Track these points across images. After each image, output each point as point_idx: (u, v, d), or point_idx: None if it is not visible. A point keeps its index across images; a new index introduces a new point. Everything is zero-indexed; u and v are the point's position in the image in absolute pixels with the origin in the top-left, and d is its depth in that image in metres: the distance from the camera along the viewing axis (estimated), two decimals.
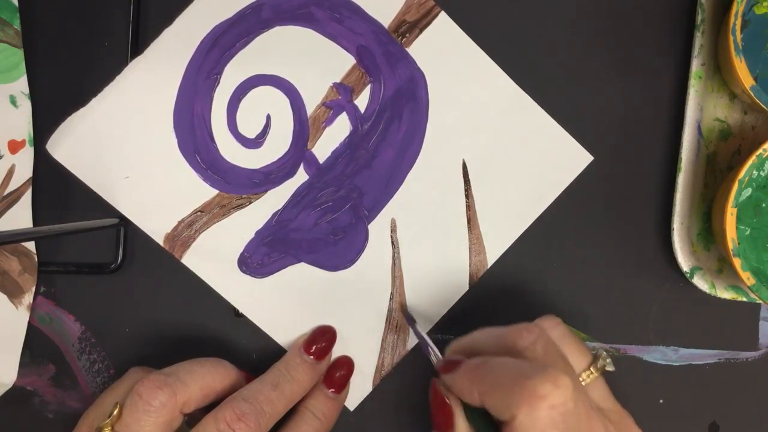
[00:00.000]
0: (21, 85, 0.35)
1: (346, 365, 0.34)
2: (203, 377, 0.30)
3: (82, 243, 0.36)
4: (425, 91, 0.34)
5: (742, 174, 0.30)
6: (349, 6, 0.33)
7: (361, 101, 0.34)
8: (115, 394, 0.31)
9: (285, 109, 0.34)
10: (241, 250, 0.34)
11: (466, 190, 0.34)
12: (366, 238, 0.34)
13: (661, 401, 0.35)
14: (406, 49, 0.34)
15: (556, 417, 0.23)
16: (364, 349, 0.35)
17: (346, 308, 0.35)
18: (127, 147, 0.34)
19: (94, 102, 0.33)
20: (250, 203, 0.34)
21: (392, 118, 0.34)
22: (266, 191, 0.34)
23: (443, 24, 0.33)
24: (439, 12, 0.33)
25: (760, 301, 0.34)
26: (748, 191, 0.32)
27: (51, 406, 0.36)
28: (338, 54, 0.34)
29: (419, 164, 0.34)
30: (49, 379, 0.36)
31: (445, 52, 0.34)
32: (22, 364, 0.35)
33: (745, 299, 0.33)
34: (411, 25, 0.34)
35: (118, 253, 0.35)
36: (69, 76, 0.36)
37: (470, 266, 0.34)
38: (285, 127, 0.34)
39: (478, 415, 0.26)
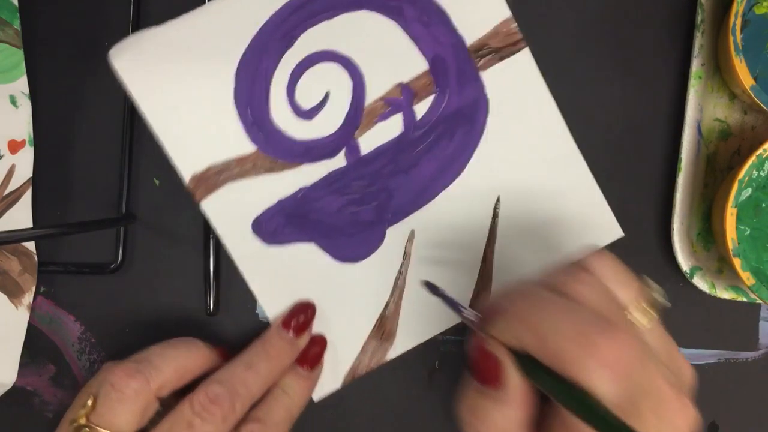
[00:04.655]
0: (21, 85, 0.35)
1: (318, 343, 0.34)
2: (176, 359, 0.30)
3: (82, 243, 0.36)
4: (484, 118, 0.33)
5: (742, 174, 0.30)
6: (439, 13, 0.33)
7: (420, 108, 0.34)
8: (89, 390, 0.30)
9: (346, 92, 0.33)
10: (260, 213, 0.34)
11: (491, 226, 0.34)
12: (381, 241, 0.34)
13: None
14: (480, 72, 0.33)
15: (621, 381, 0.21)
16: (345, 346, 0.34)
17: (340, 301, 0.34)
18: (185, 79, 0.33)
19: (168, 24, 0.32)
20: (282, 170, 0.34)
21: (444, 134, 0.33)
22: (301, 164, 0.34)
23: (524, 59, 0.33)
24: (524, 47, 0.33)
25: (760, 301, 0.34)
26: (748, 191, 0.32)
27: (51, 406, 0.36)
28: (414, 56, 0.33)
29: (455, 186, 0.34)
30: (49, 379, 0.36)
31: (516, 87, 0.33)
32: (22, 364, 0.35)
33: (745, 299, 0.33)
34: (493, 50, 0.33)
35: (118, 253, 0.35)
36: (69, 76, 0.36)
37: (471, 300, 0.34)
38: (340, 109, 0.34)
39: (526, 361, 0.23)
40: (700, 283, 0.33)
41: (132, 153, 0.35)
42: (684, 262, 0.33)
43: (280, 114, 0.33)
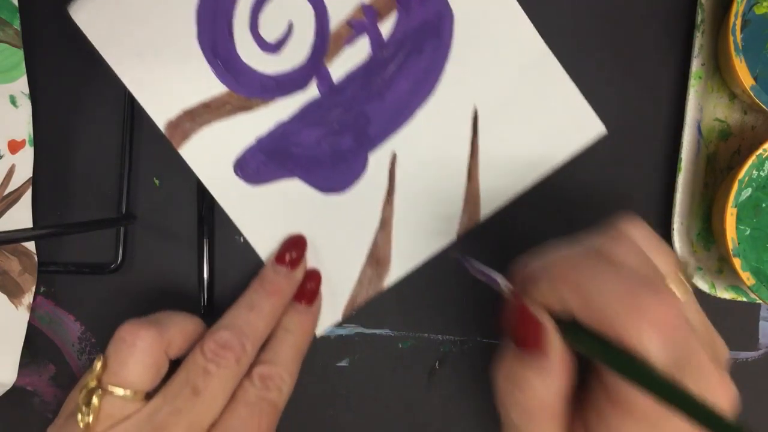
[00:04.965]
0: (21, 85, 0.35)
1: (313, 277, 0.33)
2: (182, 321, 0.30)
3: (82, 243, 0.36)
4: (450, 30, 0.33)
5: (742, 174, 0.30)
6: None
7: (385, 27, 0.33)
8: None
9: (308, 20, 0.33)
10: (240, 154, 0.34)
11: (472, 139, 0.33)
12: (364, 167, 0.34)
13: None
14: None
15: (669, 345, 0.21)
16: (341, 278, 0.34)
17: (331, 232, 0.34)
18: (147, 25, 0.33)
19: None
20: (256, 108, 0.33)
21: (412, 51, 0.33)
22: (275, 99, 0.33)
23: None
24: None
25: (760, 301, 0.34)
26: (748, 191, 0.32)
27: (51, 406, 0.36)
28: None
29: (431, 103, 0.33)
30: (49, 379, 0.36)
31: None
32: (22, 364, 0.35)
33: (745, 299, 0.33)
34: None
35: (118, 253, 0.35)
36: (69, 76, 0.36)
37: (461, 217, 0.34)
38: (305, 38, 0.33)
39: (569, 326, 0.23)
40: (700, 283, 0.33)
41: (132, 153, 0.35)
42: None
43: (246, 50, 0.33)
